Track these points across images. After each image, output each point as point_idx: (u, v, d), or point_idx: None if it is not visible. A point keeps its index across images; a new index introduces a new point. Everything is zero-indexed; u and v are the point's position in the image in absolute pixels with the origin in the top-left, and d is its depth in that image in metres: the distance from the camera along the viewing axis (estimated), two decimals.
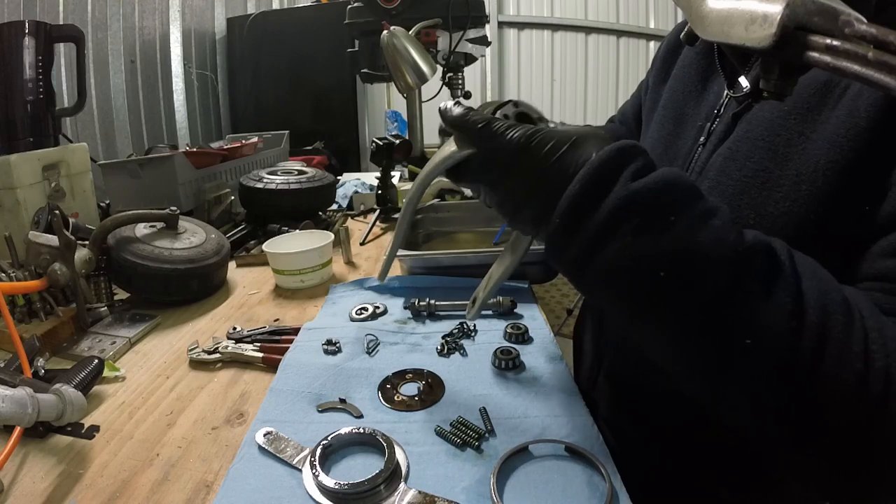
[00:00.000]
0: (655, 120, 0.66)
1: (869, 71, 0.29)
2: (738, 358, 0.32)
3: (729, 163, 0.49)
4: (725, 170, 0.49)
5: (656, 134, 0.65)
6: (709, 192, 0.43)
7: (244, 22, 2.43)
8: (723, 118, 0.53)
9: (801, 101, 0.44)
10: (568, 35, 3.70)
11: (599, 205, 0.33)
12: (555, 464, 0.45)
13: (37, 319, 0.70)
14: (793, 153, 0.44)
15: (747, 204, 0.46)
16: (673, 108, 0.63)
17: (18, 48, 1.19)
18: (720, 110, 0.54)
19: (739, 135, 0.49)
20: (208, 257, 0.85)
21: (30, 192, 0.91)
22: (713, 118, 0.54)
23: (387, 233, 1.19)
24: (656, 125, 0.65)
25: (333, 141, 2.24)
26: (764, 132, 0.47)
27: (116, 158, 1.72)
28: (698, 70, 0.60)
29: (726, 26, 0.38)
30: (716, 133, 0.53)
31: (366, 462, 0.46)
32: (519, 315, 0.73)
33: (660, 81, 0.69)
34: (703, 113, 0.57)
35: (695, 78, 0.60)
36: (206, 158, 1.26)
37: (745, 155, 0.48)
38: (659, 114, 0.65)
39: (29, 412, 0.46)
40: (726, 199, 0.47)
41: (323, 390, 0.57)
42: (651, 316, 0.35)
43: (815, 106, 0.44)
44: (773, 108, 0.46)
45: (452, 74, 1.51)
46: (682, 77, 0.63)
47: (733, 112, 0.51)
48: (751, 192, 0.46)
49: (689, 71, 0.62)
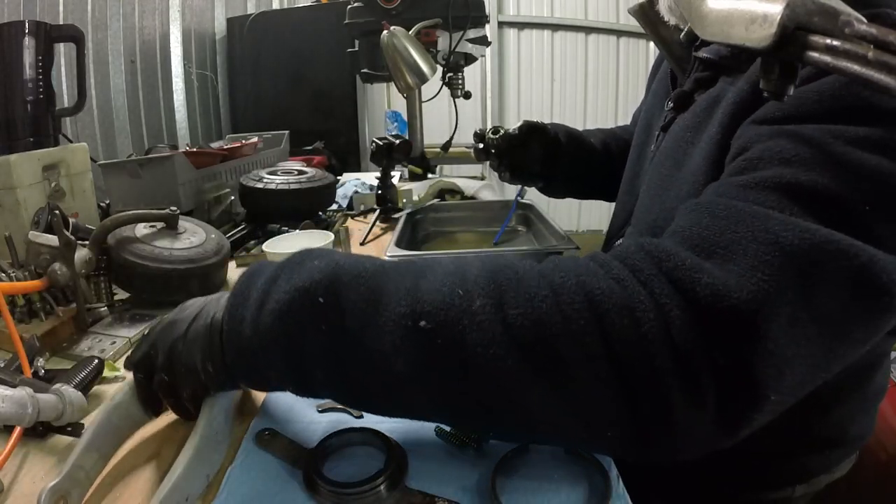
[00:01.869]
0: (636, 130, 0.73)
1: (869, 71, 0.29)
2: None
3: (654, 168, 0.58)
4: (652, 174, 0.58)
5: (635, 141, 0.72)
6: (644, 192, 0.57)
7: (244, 22, 2.43)
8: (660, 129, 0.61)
9: (696, 115, 0.52)
10: (568, 35, 3.70)
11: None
12: (555, 464, 0.45)
13: (37, 319, 0.70)
14: (686, 159, 0.52)
15: (656, 201, 0.55)
16: (646, 120, 0.70)
17: (18, 48, 1.19)
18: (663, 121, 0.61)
19: (663, 145, 0.58)
20: (208, 257, 0.85)
21: (30, 192, 0.91)
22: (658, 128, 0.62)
23: (387, 233, 1.19)
24: (636, 134, 0.73)
25: (333, 141, 2.24)
26: (672, 143, 0.55)
27: (116, 158, 1.72)
28: (666, 86, 0.66)
29: (726, 26, 0.38)
30: (658, 142, 0.61)
31: (366, 462, 0.46)
32: None
33: (645, 97, 0.76)
34: (656, 126, 0.64)
35: (663, 93, 0.66)
36: (206, 158, 1.26)
37: (660, 162, 0.57)
38: (639, 125, 0.73)
39: (29, 412, 0.46)
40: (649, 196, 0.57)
41: None
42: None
43: (704, 119, 0.51)
44: (680, 122, 0.54)
45: (452, 74, 1.51)
46: (655, 91, 0.70)
47: (662, 125, 0.60)
48: (659, 193, 0.55)
49: (660, 87, 0.68)
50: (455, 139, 1.64)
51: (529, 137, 0.84)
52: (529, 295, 0.31)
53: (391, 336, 0.33)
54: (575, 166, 0.87)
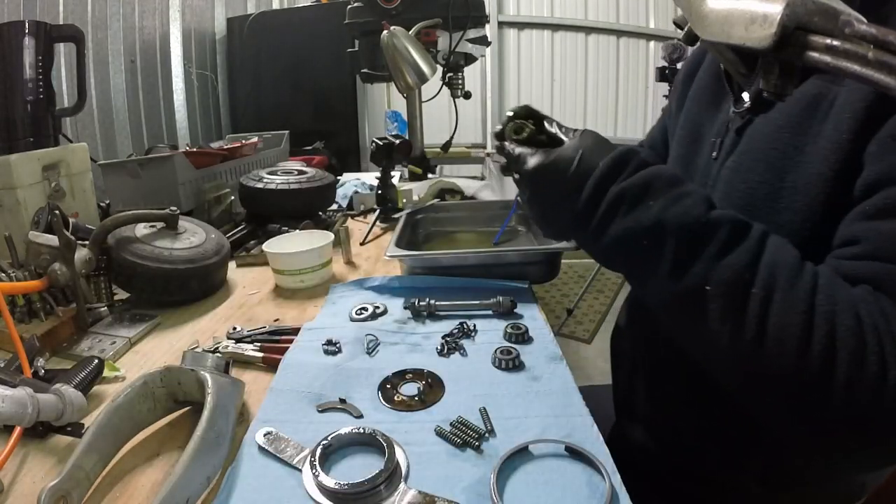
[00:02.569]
0: (676, 141, 0.71)
1: (869, 71, 0.29)
2: (702, 302, 0.41)
3: (734, 175, 0.54)
4: (731, 181, 0.54)
5: (675, 153, 0.70)
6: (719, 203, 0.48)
7: (244, 22, 2.43)
8: (729, 133, 0.57)
9: (793, 115, 0.48)
10: (568, 35, 3.70)
11: (602, 199, 0.45)
12: (555, 464, 0.45)
13: (37, 319, 0.70)
14: (789, 166, 0.48)
15: (752, 214, 0.48)
16: (689, 129, 0.66)
17: (18, 48, 1.19)
18: (728, 126, 0.58)
19: (742, 148, 0.54)
20: (208, 257, 0.85)
21: (30, 192, 0.91)
22: (723, 134, 0.58)
23: (387, 233, 1.19)
24: (676, 145, 0.70)
25: (333, 141, 2.24)
26: (763, 145, 0.51)
27: (116, 158, 1.72)
28: (713, 91, 0.63)
29: (726, 26, 0.38)
30: (724, 147, 0.57)
31: (366, 462, 0.46)
32: (519, 315, 0.73)
33: (679, 108, 0.72)
34: (715, 130, 0.60)
35: (709, 99, 0.63)
36: (206, 158, 1.26)
37: (748, 167, 0.52)
38: (678, 135, 0.70)
39: (29, 412, 0.46)
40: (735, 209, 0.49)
41: (323, 390, 0.57)
42: (643, 271, 0.45)
43: (806, 120, 0.47)
44: (770, 123, 0.50)
45: (452, 74, 1.51)
46: (698, 99, 0.66)
47: (737, 127, 0.55)
48: (755, 203, 0.50)
49: (704, 93, 0.65)
50: (455, 139, 1.64)
51: None
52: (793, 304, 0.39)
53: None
54: None
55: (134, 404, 0.49)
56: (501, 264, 0.85)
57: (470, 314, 0.73)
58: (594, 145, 0.48)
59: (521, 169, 0.51)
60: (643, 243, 0.43)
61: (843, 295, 0.39)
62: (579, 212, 0.47)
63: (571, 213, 0.48)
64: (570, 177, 0.47)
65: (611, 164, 0.46)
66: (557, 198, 0.49)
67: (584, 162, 0.47)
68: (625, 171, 0.45)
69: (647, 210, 0.43)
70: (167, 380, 0.52)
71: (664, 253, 0.43)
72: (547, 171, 0.49)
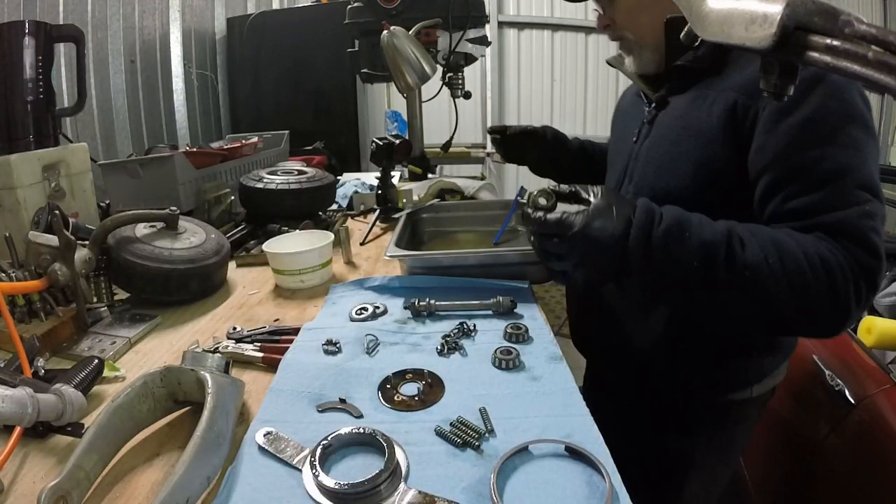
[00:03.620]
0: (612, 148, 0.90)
1: (869, 71, 0.29)
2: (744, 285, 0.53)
3: (649, 150, 0.74)
4: (648, 154, 0.74)
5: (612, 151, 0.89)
6: (641, 168, 0.75)
7: (244, 22, 2.43)
8: (644, 125, 0.77)
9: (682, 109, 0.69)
10: (568, 35, 3.70)
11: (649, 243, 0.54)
12: (555, 464, 0.45)
13: (37, 319, 0.70)
14: (682, 141, 0.68)
15: (664, 173, 0.70)
16: (621, 132, 0.86)
17: (18, 48, 1.19)
18: (643, 122, 0.77)
19: (653, 132, 0.74)
20: (208, 257, 0.85)
21: (30, 192, 0.91)
22: (640, 126, 0.78)
23: (387, 233, 1.19)
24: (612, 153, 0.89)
25: (333, 141, 2.24)
26: (666, 130, 0.71)
27: (116, 158, 1.72)
28: (633, 101, 0.84)
29: (726, 26, 0.38)
30: (642, 133, 0.77)
31: (366, 462, 0.46)
32: (519, 315, 0.73)
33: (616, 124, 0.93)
34: (636, 122, 0.80)
35: (631, 111, 0.84)
36: (206, 158, 1.26)
37: (658, 143, 0.72)
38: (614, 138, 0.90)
39: (29, 412, 0.46)
40: (652, 170, 0.72)
41: (323, 390, 0.57)
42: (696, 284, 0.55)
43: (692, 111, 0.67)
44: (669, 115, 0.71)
45: (452, 74, 1.51)
46: (626, 110, 0.88)
47: (648, 119, 0.75)
48: (664, 165, 0.70)
49: (630, 104, 0.86)
50: (455, 139, 1.63)
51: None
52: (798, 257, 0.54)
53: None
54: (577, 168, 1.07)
55: (134, 404, 0.49)
56: (501, 264, 0.85)
57: (470, 314, 0.73)
58: (619, 200, 0.56)
59: (568, 232, 0.54)
60: (694, 265, 0.54)
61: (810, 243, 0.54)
62: (632, 256, 0.54)
63: (621, 259, 0.54)
64: (615, 229, 0.54)
65: (644, 214, 0.55)
66: (604, 249, 0.54)
67: (620, 215, 0.54)
68: (654, 217, 0.55)
69: (689, 241, 0.54)
70: (167, 380, 0.52)
71: (714, 266, 0.53)
72: (593, 227, 0.53)
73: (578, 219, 0.54)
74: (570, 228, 0.54)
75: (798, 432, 1.17)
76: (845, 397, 1.05)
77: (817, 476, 1.09)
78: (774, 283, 0.53)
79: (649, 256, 0.54)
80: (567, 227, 0.54)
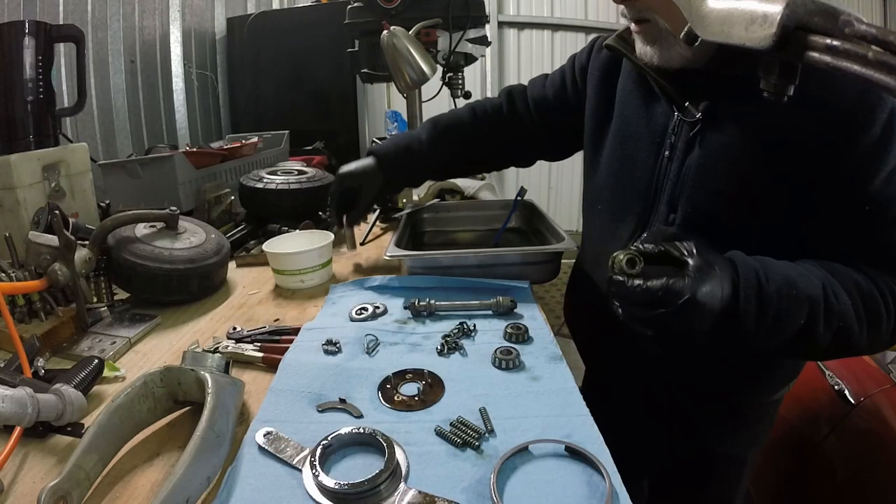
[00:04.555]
0: (611, 136, 0.75)
1: (869, 71, 0.29)
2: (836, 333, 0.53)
3: (702, 172, 0.62)
4: (701, 178, 0.62)
5: (614, 150, 0.74)
6: (693, 194, 0.63)
7: (244, 22, 2.43)
8: (679, 137, 0.64)
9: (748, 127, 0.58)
10: (568, 35, 3.70)
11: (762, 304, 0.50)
12: (555, 464, 0.45)
13: (37, 319, 0.70)
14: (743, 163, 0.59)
15: (724, 201, 0.61)
16: (626, 129, 0.72)
17: (18, 48, 1.19)
18: (674, 129, 0.65)
19: (705, 152, 0.61)
20: (208, 257, 0.85)
21: (30, 192, 0.91)
22: (669, 135, 0.65)
23: (387, 233, 1.19)
24: (614, 142, 0.75)
25: (333, 141, 2.24)
26: (722, 151, 0.60)
27: (116, 158, 1.72)
28: (640, 95, 0.70)
29: (726, 26, 0.38)
30: (678, 149, 0.64)
31: (366, 462, 0.46)
32: (519, 315, 0.73)
33: (604, 100, 0.77)
34: (656, 131, 0.67)
35: (639, 102, 0.70)
36: (206, 158, 1.26)
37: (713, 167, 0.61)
38: (614, 133, 0.75)
39: (29, 412, 0.46)
40: (709, 198, 0.62)
41: (323, 390, 0.57)
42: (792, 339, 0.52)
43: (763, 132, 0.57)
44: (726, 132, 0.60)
45: (452, 74, 1.51)
46: (628, 102, 0.72)
47: (691, 133, 0.62)
48: (723, 190, 0.61)
49: (632, 97, 0.71)
50: None
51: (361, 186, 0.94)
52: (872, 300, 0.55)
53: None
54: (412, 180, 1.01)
55: (134, 404, 0.49)
56: (501, 264, 0.85)
57: (470, 314, 0.73)
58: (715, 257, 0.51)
59: (677, 301, 0.47)
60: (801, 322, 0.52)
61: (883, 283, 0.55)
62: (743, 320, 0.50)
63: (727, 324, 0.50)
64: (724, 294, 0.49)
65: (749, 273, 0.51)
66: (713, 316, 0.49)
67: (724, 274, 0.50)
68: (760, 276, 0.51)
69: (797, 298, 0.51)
70: (167, 380, 0.52)
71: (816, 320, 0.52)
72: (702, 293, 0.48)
73: (685, 285, 0.47)
74: (678, 297, 0.47)
75: (798, 433, 1.17)
76: (845, 397, 1.05)
77: (817, 476, 1.09)
78: (859, 328, 0.53)
79: (761, 319, 0.50)
80: (676, 296, 0.47)
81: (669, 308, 0.48)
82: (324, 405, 0.54)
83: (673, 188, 0.65)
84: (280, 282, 0.90)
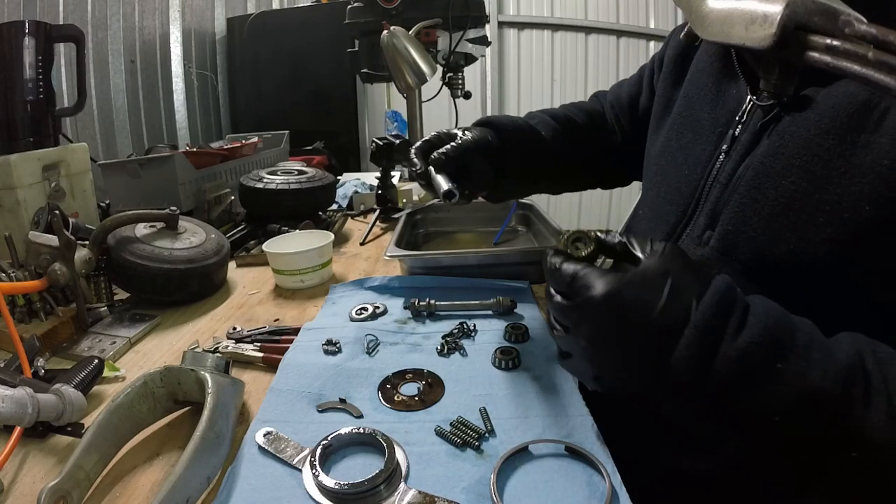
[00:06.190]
0: (669, 125, 0.63)
1: (869, 71, 0.29)
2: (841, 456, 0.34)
3: (763, 179, 0.46)
4: (759, 186, 0.46)
5: (669, 140, 0.62)
6: (741, 207, 0.46)
7: (244, 22, 2.43)
8: (747, 126, 0.50)
9: (838, 120, 0.42)
10: (568, 35, 3.70)
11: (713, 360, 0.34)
12: (555, 464, 0.45)
13: (37, 319, 0.70)
14: (833, 176, 0.41)
15: (786, 226, 0.44)
16: (688, 115, 0.59)
17: (18, 48, 1.19)
18: (742, 117, 0.51)
19: (772, 150, 0.46)
20: (208, 257, 0.85)
21: (30, 192, 0.91)
22: (734, 125, 0.51)
23: (387, 233, 1.19)
24: (671, 131, 0.62)
25: (333, 141, 2.24)
26: (799, 150, 0.44)
27: (116, 158, 1.72)
28: (712, 73, 0.57)
29: (726, 26, 0.38)
30: (740, 142, 0.50)
31: (366, 462, 0.46)
32: (519, 315, 0.73)
33: (672, 83, 0.66)
34: (721, 118, 0.53)
35: (709, 82, 0.57)
36: (206, 158, 1.26)
37: (780, 173, 0.45)
38: (674, 120, 0.62)
39: (29, 412, 0.46)
40: (763, 217, 0.46)
41: (323, 390, 0.57)
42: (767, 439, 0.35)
43: (855, 127, 0.41)
44: (809, 126, 0.44)
45: (452, 74, 1.51)
46: (697, 82, 0.60)
47: (760, 122, 0.49)
48: (789, 215, 0.44)
49: (703, 76, 0.59)
50: None
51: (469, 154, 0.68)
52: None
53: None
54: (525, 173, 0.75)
55: (134, 404, 0.49)
56: (501, 264, 0.85)
57: (470, 314, 0.73)
58: (684, 270, 0.36)
59: (583, 294, 0.36)
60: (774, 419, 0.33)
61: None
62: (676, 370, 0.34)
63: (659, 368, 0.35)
64: (658, 315, 0.34)
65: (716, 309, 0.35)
66: (636, 345, 0.36)
67: (676, 294, 0.35)
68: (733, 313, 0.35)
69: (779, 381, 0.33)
70: (167, 380, 0.52)
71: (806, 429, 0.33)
72: (621, 301, 0.35)
73: (602, 280, 0.36)
74: (585, 290, 0.36)
75: None
76: None
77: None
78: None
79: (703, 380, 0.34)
80: (581, 288, 0.37)
81: (574, 301, 0.37)
82: (324, 405, 0.54)
83: (720, 194, 0.50)
84: (280, 282, 0.90)
